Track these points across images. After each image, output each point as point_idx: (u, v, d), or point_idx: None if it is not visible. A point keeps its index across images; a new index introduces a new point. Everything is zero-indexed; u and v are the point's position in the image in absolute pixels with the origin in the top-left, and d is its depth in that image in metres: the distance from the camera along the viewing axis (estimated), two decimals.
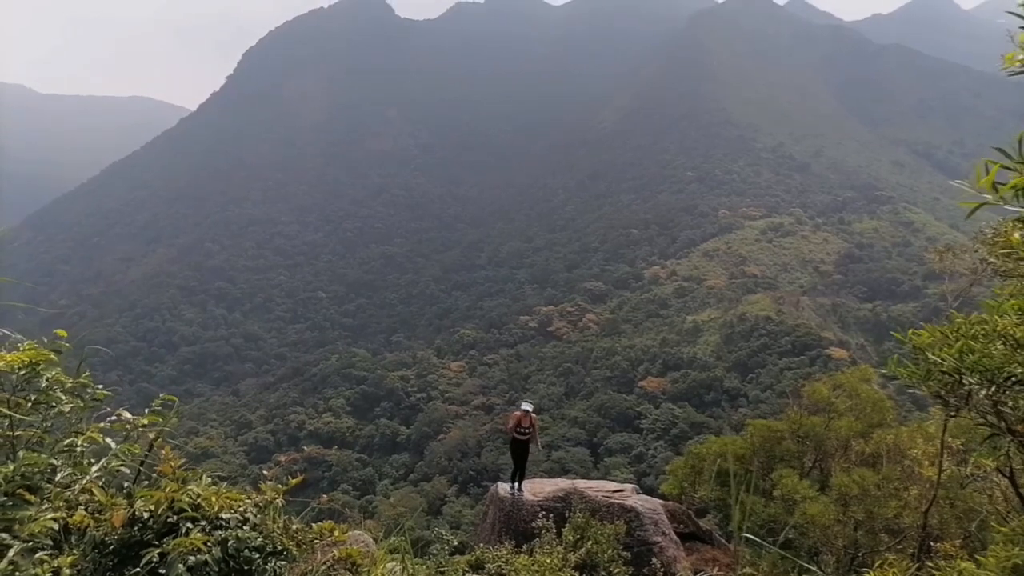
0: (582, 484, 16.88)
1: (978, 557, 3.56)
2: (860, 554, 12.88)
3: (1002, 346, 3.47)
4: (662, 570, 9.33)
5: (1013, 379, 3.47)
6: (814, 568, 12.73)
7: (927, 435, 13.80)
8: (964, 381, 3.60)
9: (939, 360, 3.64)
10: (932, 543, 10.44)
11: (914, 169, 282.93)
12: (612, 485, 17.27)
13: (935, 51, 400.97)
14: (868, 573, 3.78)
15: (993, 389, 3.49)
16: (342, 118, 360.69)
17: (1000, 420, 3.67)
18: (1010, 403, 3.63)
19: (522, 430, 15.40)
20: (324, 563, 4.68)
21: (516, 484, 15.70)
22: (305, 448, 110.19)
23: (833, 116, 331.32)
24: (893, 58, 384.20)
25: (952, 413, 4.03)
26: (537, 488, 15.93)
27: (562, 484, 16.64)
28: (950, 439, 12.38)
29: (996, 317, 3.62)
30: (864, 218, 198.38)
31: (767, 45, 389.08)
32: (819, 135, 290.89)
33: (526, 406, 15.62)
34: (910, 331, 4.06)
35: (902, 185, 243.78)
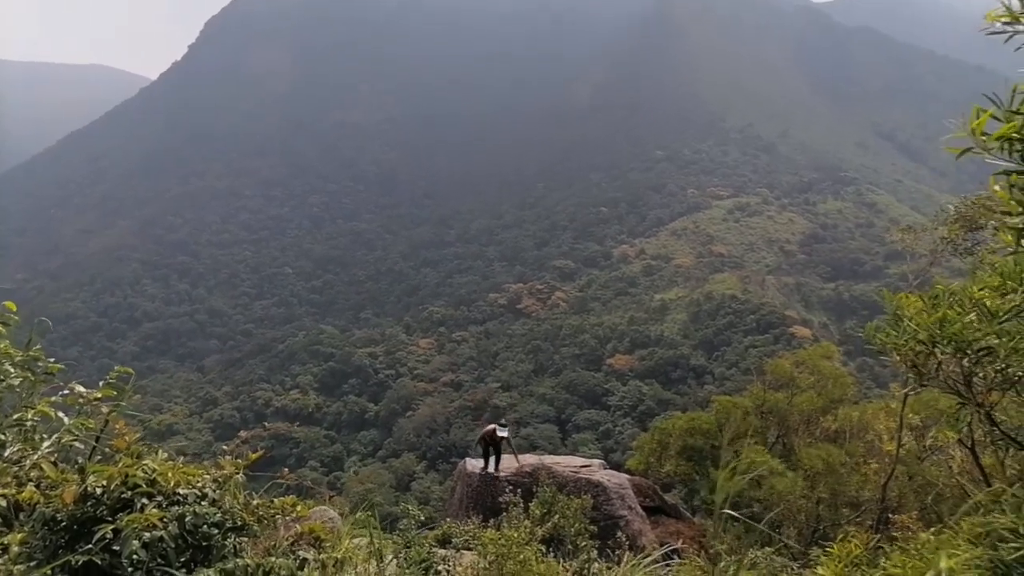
0: (549, 460, 16.99)
1: (950, 524, 3.59)
2: (822, 527, 13.19)
3: (975, 317, 3.50)
4: (628, 543, 9.43)
5: (984, 351, 3.50)
6: (779, 539, 13.01)
7: (890, 411, 14.14)
8: (937, 351, 3.62)
9: (915, 329, 3.66)
10: (890, 515, 10.73)
11: (878, 151, 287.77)
12: (579, 460, 17.41)
13: (901, 36, 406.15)
14: (831, 546, 3.79)
15: (965, 361, 3.51)
16: (309, 91, 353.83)
17: (969, 391, 3.71)
18: (980, 373, 3.66)
19: (494, 439, 15.47)
20: (287, 538, 4.60)
21: (492, 465, 15.65)
22: (267, 424, 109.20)
23: (800, 97, 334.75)
24: (861, 41, 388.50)
25: (923, 383, 4.07)
26: (505, 464, 15.98)
27: (530, 459, 16.73)
28: (910, 415, 12.69)
29: (973, 287, 3.64)
30: (828, 199, 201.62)
31: (738, 25, 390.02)
32: (787, 116, 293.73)
33: (501, 432, 15.50)
34: (900, 294, 4.07)
35: (866, 167, 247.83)
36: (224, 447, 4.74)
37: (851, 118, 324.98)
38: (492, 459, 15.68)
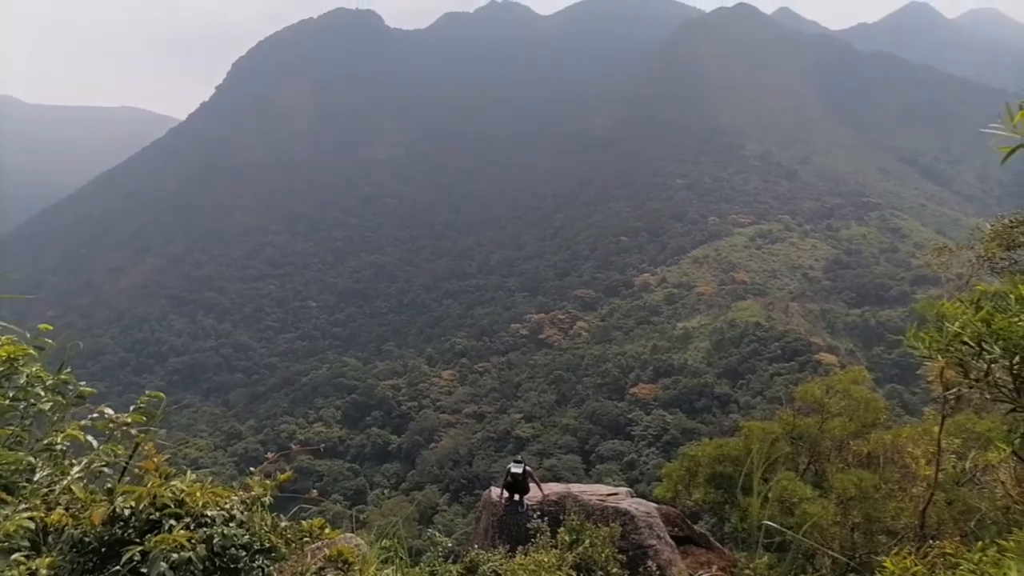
0: (576, 488, 16.72)
1: (1000, 542, 3.45)
2: (858, 555, 12.79)
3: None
4: (657, 572, 9.21)
5: None
6: (811, 569, 12.63)
7: (926, 434, 13.76)
8: (985, 352, 3.50)
9: (960, 329, 3.53)
10: (931, 542, 10.37)
11: (900, 176, 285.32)
12: (606, 489, 17.12)
13: (920, 59, 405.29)
14: (886, 561, 3.66)
15: (1017, 359, 3.38)
16: (332, 127, 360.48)
17: (1021, 397, 3.57)
18: None
19: (517, 480, 15.15)
20: (315, 562, 4.53)
21: (516, 498, 15.36)
22: (293, 446, 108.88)
23: (820, 123, 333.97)
24: (879, 66, 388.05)
25: (970, 387, 3.92)
26: (531, 493, 15.75)
27: (556, 488, 16.49)
28: (948, 438, 12.34)
29: (1020, 287, 3.52)
30: (852, 224, 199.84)
31: (755, 53, 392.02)
32: (807, 142, 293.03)
33: (516, 469, 15.29)
34: (939, 302, 3.95)
35: (889, 192, 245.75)
36: (251, 470, 4.71)
37: (872, 143, 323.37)
38: (517, 496, 15.43)
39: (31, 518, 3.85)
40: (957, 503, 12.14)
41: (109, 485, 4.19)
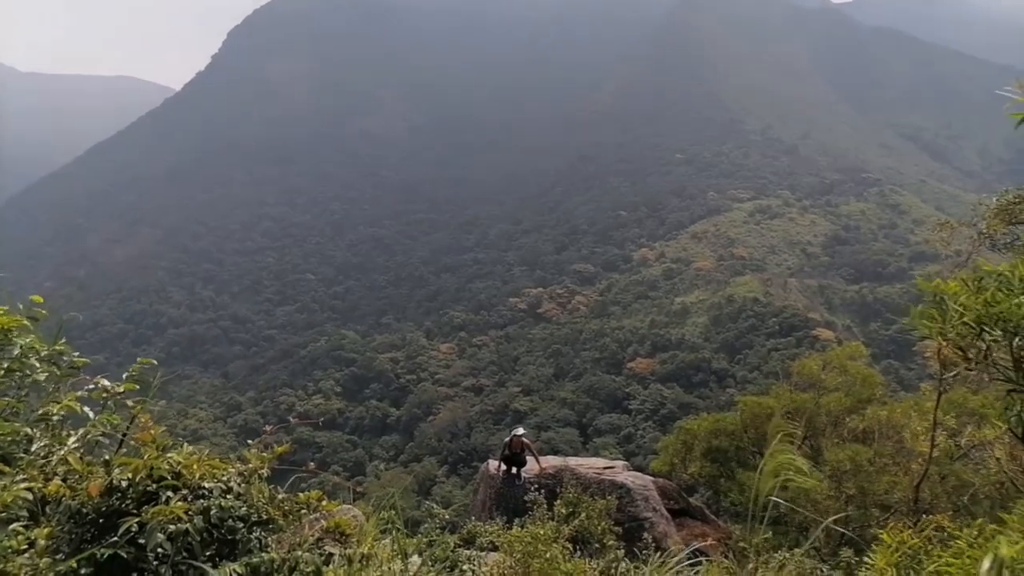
0: (573, 461, 16.86)
1: (1001, 515, 3.45)
2: (851, 528, 12.93)
3: None
4: (653, 544, 9.30)
5: None
6: (804, 542, 12.76)
7: (921, 410, 13.84)
8: (985, 333, 3.48)
9: (961, 310, 3.49)
10: (924, 516, 10.48)
11: (902, 152, 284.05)
12: (603, 462, 17.27)
13: (924, 35, 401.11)
14: (882, 533, 3.67)
15: (1017, 340, 3.36)
16: (331, 99, 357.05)
17: (1019, 376, 3.55)
18: None
19: (514, 452, 15.31)
20: (312, 534, 4.55)
21: (514, 471, 15.53)
22: (292, 419, 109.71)
23: (822, 99, 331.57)
24: (883, 41, 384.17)
25: (969, 369, 3.91)
26: (528, 465, 15.89)
27: (553, 461, 16.62)
28: (943, 415, 12.40)
29: (1021, 267, 3.48)
30: (851, 200, 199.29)
31: (757, 28, 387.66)
32: (808, 118, 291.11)
33: (520, 432, 15.47)
34: (936, 280, 3.93)
35: (889, 168, 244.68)
36: (249, 442, 4.70)
37: (874, 119, 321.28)
38: (515, 469, 15.58)
39: (29, 489, 3.85)
40: (951, 478, 12.26)
41: (106, 457, 4.18)
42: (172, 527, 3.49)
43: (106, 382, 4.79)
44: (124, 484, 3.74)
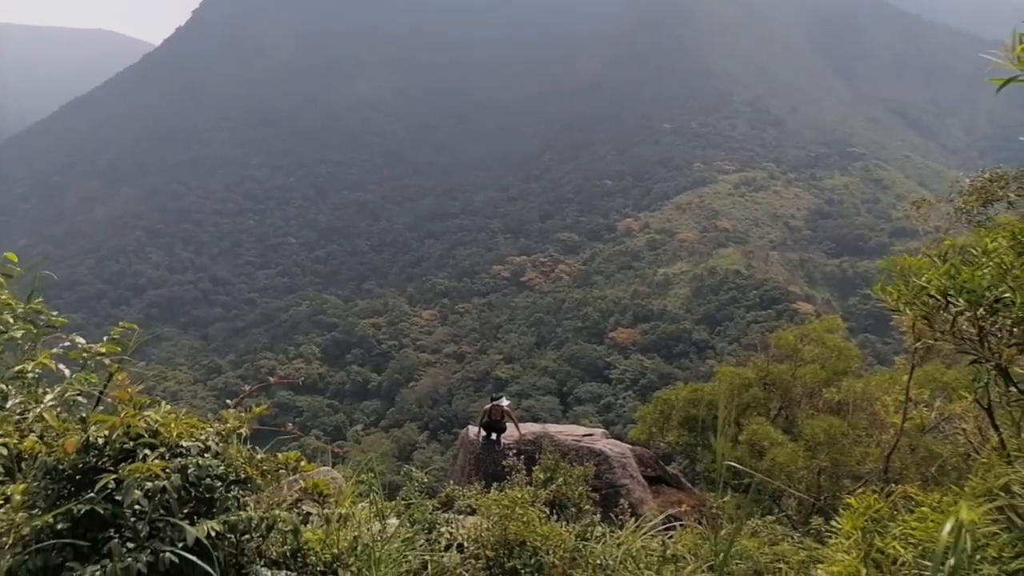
0: (552, 428, 17.05)
1: (954, 487, 3.58)
2: (823, 497, 13.25)
3: (990, 269, 3.42)
4: (629, 510, 9.49)
5: (1000, 302, 3.43)
6: (777, 510, 13.07)
7: (895, 383, 14.11)
8: (950, 304, 3.55)
9: (925, 283, 3.58)
10: (893, 486, 10.75)
11: (887, 126, 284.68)
12: (581, 430, 17.46)
13: (913, 8, 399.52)
14: (850, 499, 3.77)
15: (980, 311, 3.44)
16: (315, 60, 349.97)
17: (985, 348, 3.64)
18: (996, 327, 3.59)
19: (493, 418, 15.44)
20: (290, 494, 4.58)
21: (493, 437, 15.68)
22: (272, 378, 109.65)
23: (811, 71, 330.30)
24: (873, 14, 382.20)
25: (935, 339, 4.00)
26: (508, 432, 16.04)
27: (533, 428, 16.79)
28: (916, 388, 12.66)
29: (986, 240, 3.55)
30: (835, 174, 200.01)
31: None
32: (797, 90, 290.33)
33: (503, 402, 15.61)
34: (904, 257, 3.99)
35: (874, 142, 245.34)
36: (228, 402, 4.70)
37: (862, 92, 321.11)
38: (494, 435, 15.73)
39: (4, 444, 3.83)
40: (920, 449, 12.56)
41: (83, 414, 4.17)
42: (149, 484, 3.50)
43: (82, 341, 4.76)
44: (101, 441, 3.74)
